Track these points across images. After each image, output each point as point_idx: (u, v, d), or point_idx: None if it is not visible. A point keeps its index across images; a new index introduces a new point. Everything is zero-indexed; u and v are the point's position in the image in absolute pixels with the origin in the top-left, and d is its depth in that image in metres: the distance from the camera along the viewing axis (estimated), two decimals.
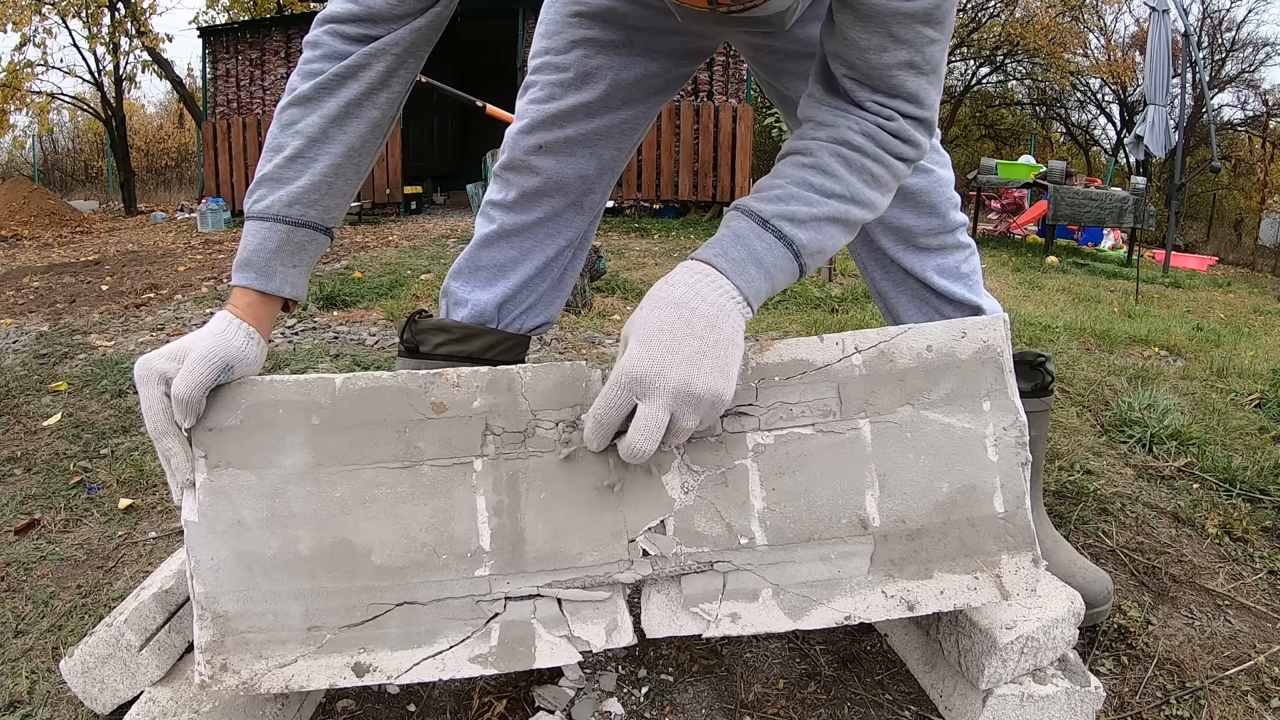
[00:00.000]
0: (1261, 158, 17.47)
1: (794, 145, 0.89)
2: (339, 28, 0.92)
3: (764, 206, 0.84)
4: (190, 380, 0.82)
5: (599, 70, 1.10)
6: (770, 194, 0.85)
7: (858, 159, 0.86)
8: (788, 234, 0.83)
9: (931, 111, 0.89)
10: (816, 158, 0.86)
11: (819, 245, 0.85)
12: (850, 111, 0.88)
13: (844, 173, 0.85)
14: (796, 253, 0.84)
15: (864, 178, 0.86)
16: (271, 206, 0.90)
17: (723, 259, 0.82)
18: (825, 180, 0.85)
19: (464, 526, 0.88)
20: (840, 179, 0.85)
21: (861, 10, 0.83)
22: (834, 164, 0.85)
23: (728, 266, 0.81)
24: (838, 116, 0.88)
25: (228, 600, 0.85)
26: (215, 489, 0.86)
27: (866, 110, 0.88)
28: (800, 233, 0.83)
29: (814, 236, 0.84)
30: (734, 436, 0.91)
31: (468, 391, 0.89)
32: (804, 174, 0.85)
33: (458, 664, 0.86)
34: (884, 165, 0.87)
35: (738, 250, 0.82)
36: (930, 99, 0.88)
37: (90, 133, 17.84)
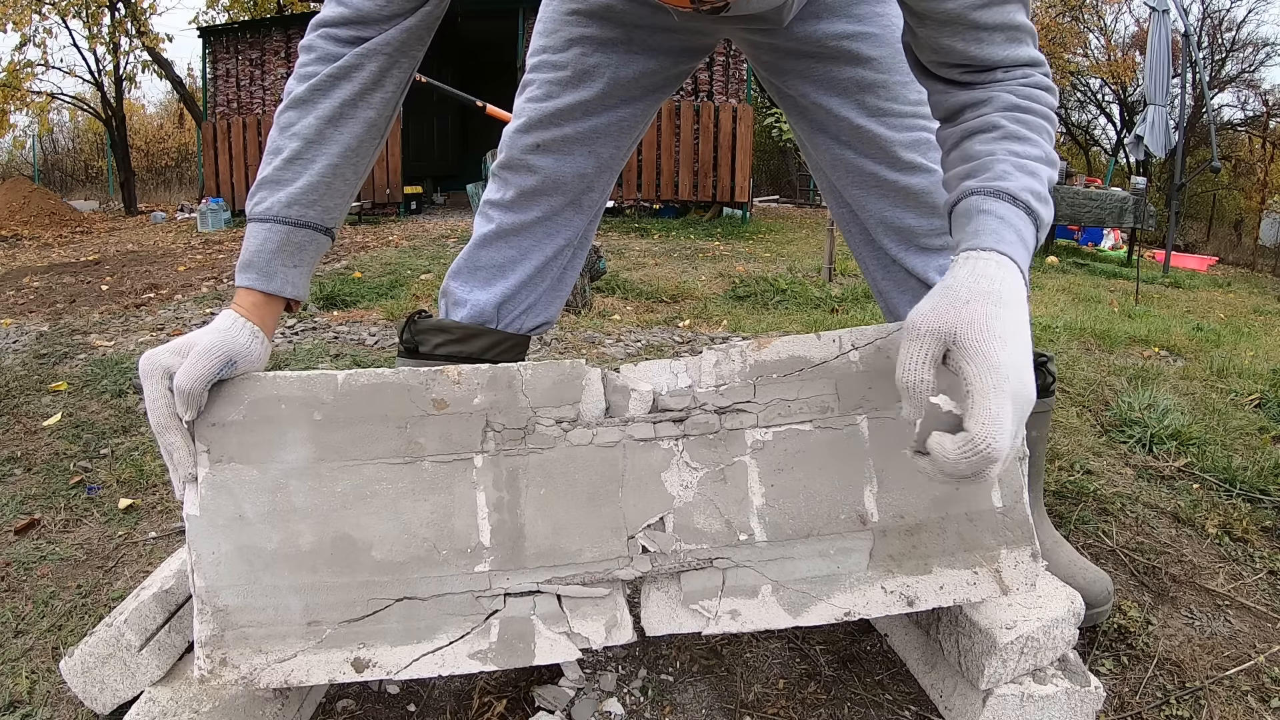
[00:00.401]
0: (1261, 158, 17.47)
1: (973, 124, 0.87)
2: (331, 31, 0.94)
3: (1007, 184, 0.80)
4: (193, 373, 0.83)
5: (597, 68, 1.10)
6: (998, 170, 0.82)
7: (1033, 119, 0.86)
8: (1035, 208, 0.80)
9: (1043, 61, 0.89)
10: (1004, 128, 0.85)
11: (1048, 219, 0.82)
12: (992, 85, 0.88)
13: (1033, 135, 0.85)
14: (1038, 224, 0.81)
15: (1045, 135, 0.86)
16: (271, 208, 0.92)
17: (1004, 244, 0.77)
18: (1027, 147, 0.84)
19: (464, 522, 0.89)
20: (1034, 142, 0.84)
21: (941, 17, 0.84)
22: (1023, 130, 0.84)
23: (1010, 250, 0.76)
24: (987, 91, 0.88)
25: (228, 594, 0.85)
26: (217, 483, 0.86)
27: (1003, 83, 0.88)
28: (1040, 208, 0.81)
29: (1045, 211, 0.82)
30: (733, 433, 0.92)
31: (468, 388, 0.90)
32: (1007, 145, 0.84)
33: (457, 660, 0.87)
34: (1049, 119, 0.87)
35: (1009, 232, 0.78)
36: (1038, 54, 0.89)
37: (90, 133, 17.85)
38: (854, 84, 1.08)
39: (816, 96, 1.11)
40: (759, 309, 3.82)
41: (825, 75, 1.09)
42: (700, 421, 0.92)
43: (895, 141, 1.11)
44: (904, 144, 1.11)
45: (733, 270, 4.99)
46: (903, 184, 1.12)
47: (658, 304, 3.88)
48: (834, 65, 1.08)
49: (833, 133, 1.13)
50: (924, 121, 1.15)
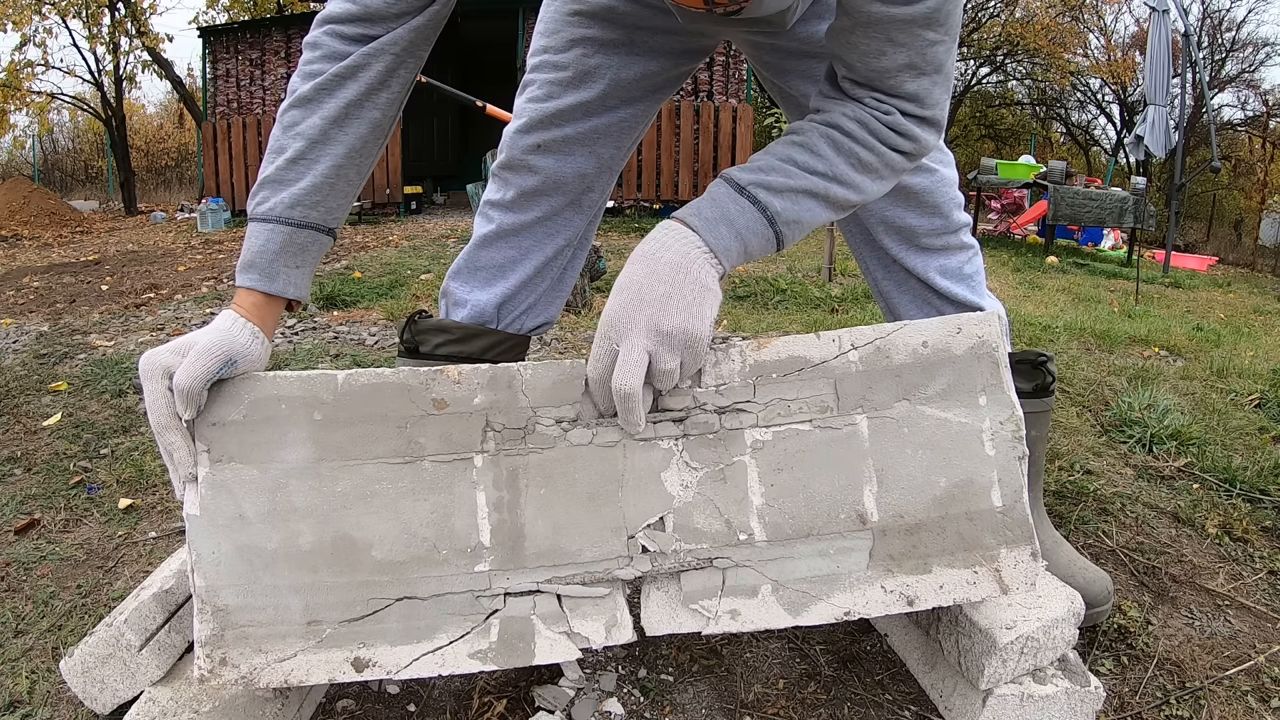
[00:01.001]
0: (1261, 158, 17.47)
1: (790, 127, 0.93)
2: (338, 28, 0.93)
3: (743, 175, 0.88)
4: (192, 372, 0.83)
5: (598, 69, 1.10)
6: (753, 165, 0.89)
7: (846, 143, 0.88)
8: (762, 200, 0.86)
9: (934, 109, 0.90)
10: (805, 137, 0.89)
11: (794, 215, 0.88)
12: (847, 102, 0.91)
13: (829, 153, 0.88)
14: (770, 219, 0.87)
15: (850, 161, 0.88)
16: (274, 208, 0.91)
17: (696, 217, 0.86)
18: (809, 158, 0.88)
19: (464, 522, 0.89)
20: (824, 158, 0.88)
21: (860, 17, 0.84)
22: (821, 144, 0.88)
23: (698, 223, 0.86)
24: (834, 104, 0.91)
25: (228, 594, 0.85)
26: (217, 483, 0.86)
27: (864, 104, 0.89)
28: (775, 200, 0.86)
29: (789, 206, 0.87)
30: (732, 433, 0.92)
31: (469, 388, 0.90)
32: (790, 151, 0.89)
33: (457, 660, 0.87)
34: (874, 153, 0.89)
35: (711, 210, 0.87)
36: (933, 98, 0.89)
37: (90, 133, 17.84)
38: None
39: None
40: (759, 309, 3.82)
41: None
42: (700, 421, 0.92)
43: None
44: None
45: (732, 270, 4.99)
46: (904, 183, 1.12)
47: None
48: None
49: None
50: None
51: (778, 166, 0.88)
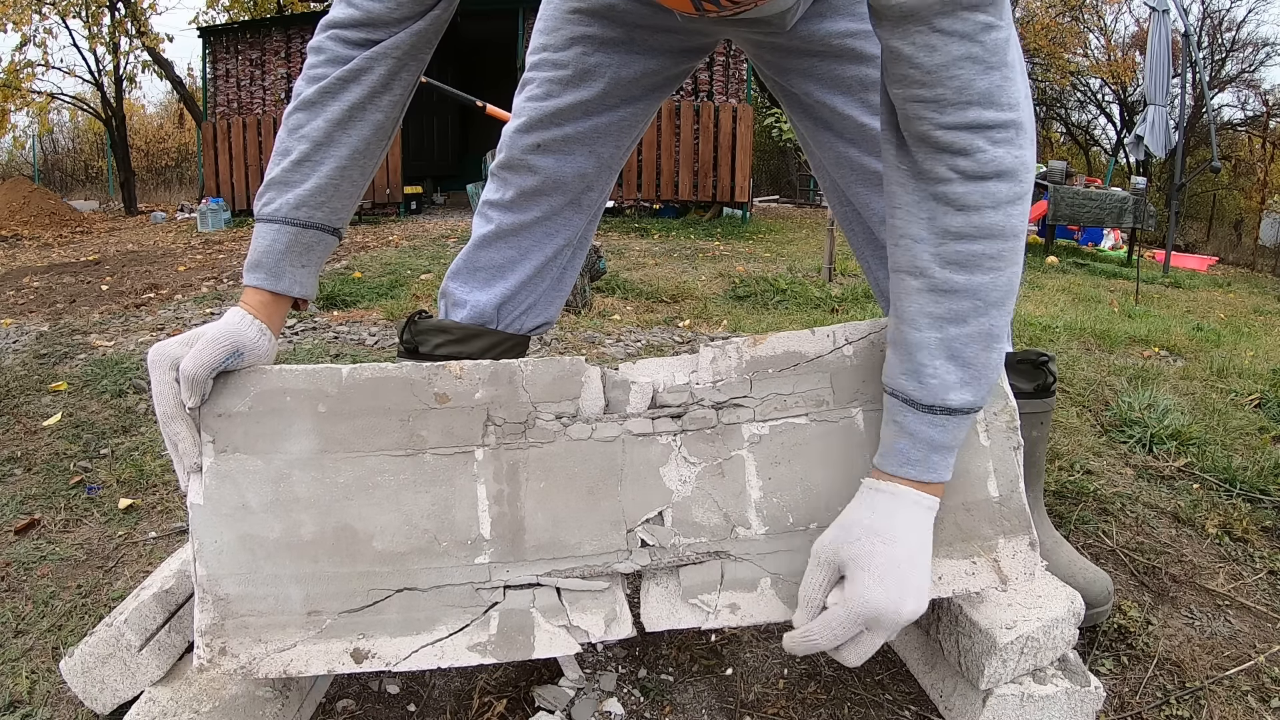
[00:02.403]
0: (1261, 158, 17.47)
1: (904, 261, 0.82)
2: (341, 33, 0.94)
3: (920, 390, 0.81)
4: (199, 360, 0.84)
5: (598, 68, 1.10)
6: (915, 362, 0.81)
7: (971, 249, 0.78)
8: (956, 406, 0.81)
9: (1015, 111, 0.77)
10: (930, 277, 0.80)
11: (988, 382, 0.82)
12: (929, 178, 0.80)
13: (965, 280, 0.78)
14: (969, 410, 0.82)
15: (988, 268, 0.79)
16: (280, 209, 0.93)
17: (908, 466, 0.83)
18: (954, 304, 0.79)
19: (465, 514, 0.89)
20: (965, 293, 0.79)
21: (895, 12, 0.75)
22: (952, 276, 0.79)
23: (915, 472, 0.83)
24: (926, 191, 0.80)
25: (229, 583, 0.86)
26: (221, 473, 0.87)
27: (942, 151, 0.78)
28: (966, 394, 0.81)
29: (978, 385, 0.81)
30: (730, 428, 0.92)
31: (470, 383, 0.90)
32: (930, 307, 0.80)
33: (456, 652, 0.87)
34: (995, 236, 0.78)
35: (917, 451, 0.82)
36: (1008, 97, 0.77)
37: (90, 133, 17.85)
38: (857, 82, 1.08)
39: (820, 95, 1.11)
40: (759, 309, 3.82)
41: (829, 73, 1.09)
42: (698, 416, 0.92)
43: None
44: None
45: (733, 270, 4.99)
46: None
47: (658, 304, 3.88)
48: (837, 63, 1.08)
49: (836, 131, 1.13)
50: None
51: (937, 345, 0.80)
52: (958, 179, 0.78)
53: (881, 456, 0.85)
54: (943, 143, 0.78)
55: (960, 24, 0.74)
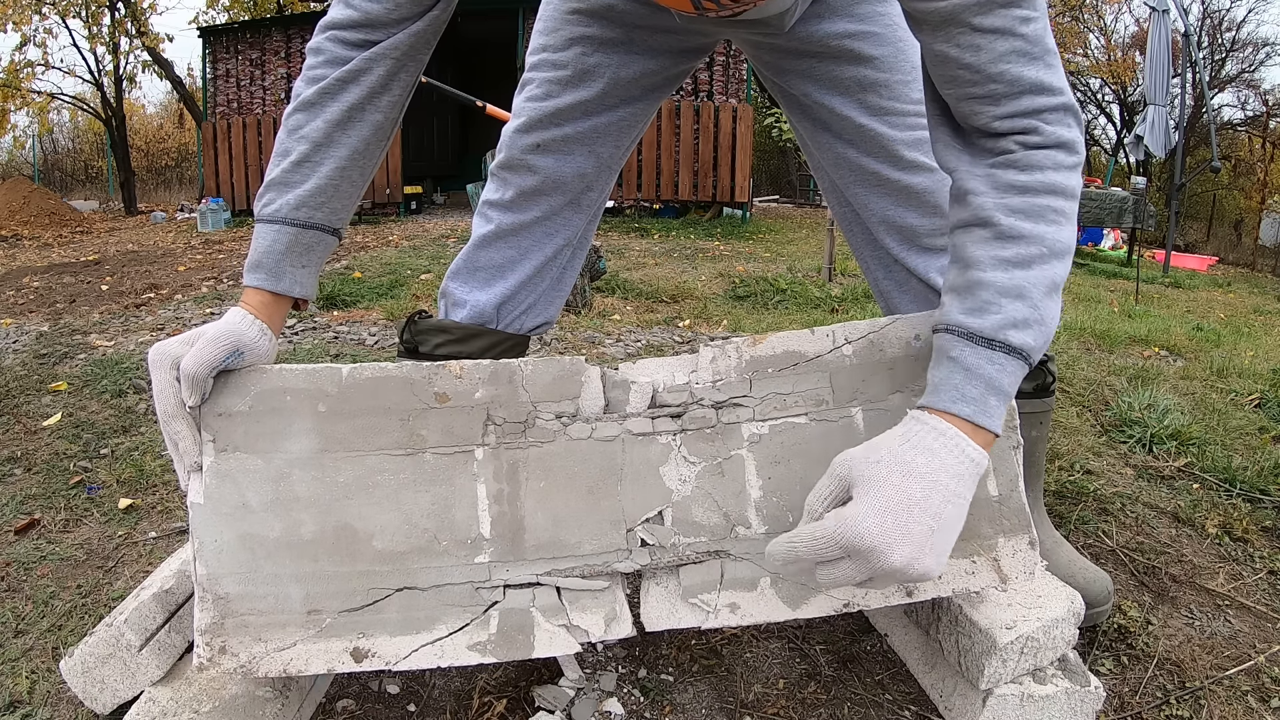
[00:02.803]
0: (1261, 158, 17.48)
1: (966, 215, 0.83)
2: (340, 33, 0.94)
3: (981, 322, 0.78)
4: (199, 358, 0.84)
5: (597, 68, 1.10)
6: (979, 299, 0.79)
7: (1035, 202, 0.79)
8: (1017, 344, 0.77)
9: (1064, 95, 0.81)
10: (997, 225, 0.80)
11: (1047, 333, 0.79)
12: (990, 152, 0.82)
13: (1031, 228, 0.79)
14: (1026, 355, 0.78)
15: (1050, 219, 0.79)
16: (280, 210, 0.93)
17: (963, 403, 0.76)
18: (1020, 249, 0.79)
19: (465, 513, 0.89)
20: (1032, 239, 0.78)
21: (934, 18, 0.79)
22: (1018, 223, 0.79)
23: (970, 410, 0.76)
24: (986, 161, 0.82)
25: (229, 582, 0.86)
26: (222, 472, 0.87)
27: (1003, 135, 0.81)
28: (1028, 336, 0.77)
29: (1040, 327, 0.78)
30: (729, 427, 0.92)
31: (470, 382, 0.91)
32: (996, 251, 0.79)
33: (456, 651, 0.87)
34: (1058, 192, 0.80)
35: (974, 388, 0.76)
36: (1057, 82, 0.80)
37: (90, 133, 17.86)
38: (856, 83, 1.08)
39: (819, 96, 1.11)
40: (759, 309, 3.82)
41: (827, 74, 1.09)
42: (697, 416, 0.92)
43: (898, 140, 1.11)
44: (906, 143, 1.11)
45: (733, 270, 4.99)
46: (905, 183, 1.12)
47: (658, 304, 3.88)
48: (836, 64, 1.08)
49: (835, 132, 1.13)
50: (925, 120, 1.14)
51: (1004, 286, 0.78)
52: (1020, 149, 0.81)
53: (932, 393, 0.78)
54: (1003, 130, 0.81)
55: (999, 20, 0.77)
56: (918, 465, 0.73)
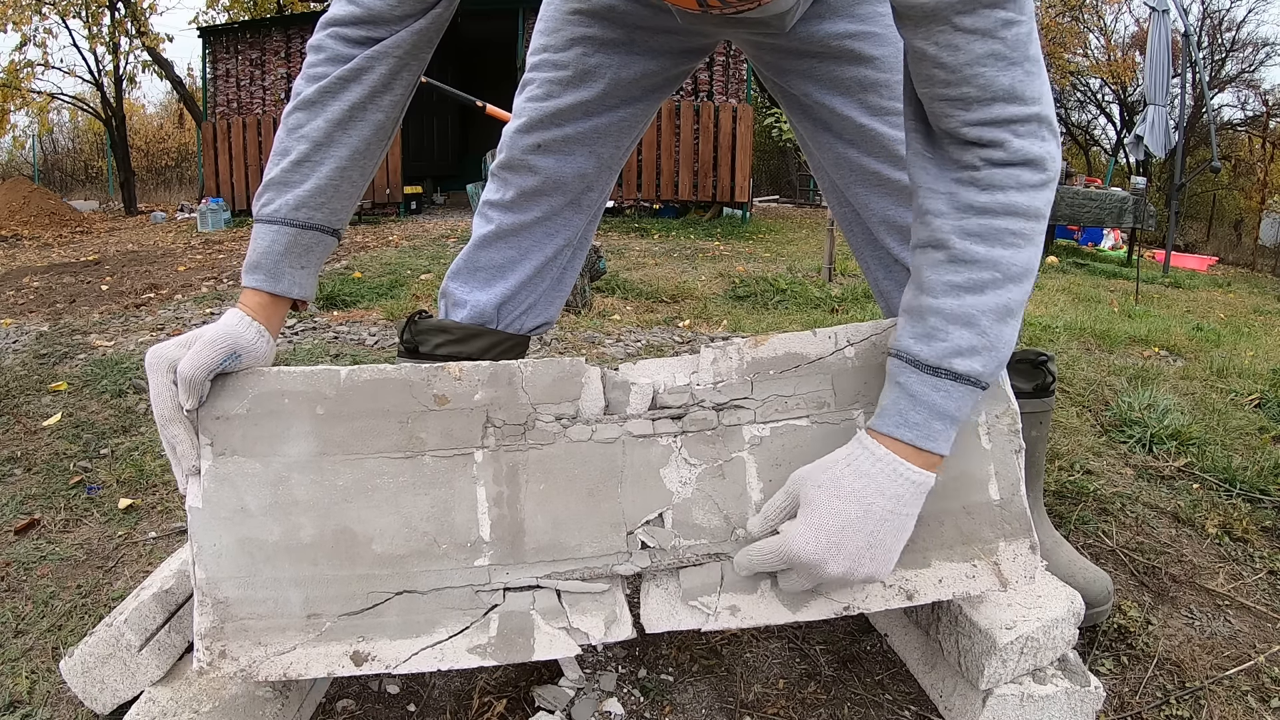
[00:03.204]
0: (1261, 158, 17.48)
1: (925, 235, 0.83)
2: (341, 30, 0.93)
3: (927, 350, 0.80)
4: (196, 361, 0.84)
5: (598, 68, 1.10)
6: (928, 325, 0.80)
7: (992, 224, 0.79)
8: (962, 371, 0.79)
9: (1039, 105, 0.79)
10: (950, 248, 0.80)
11: (999, 357, 0.80)
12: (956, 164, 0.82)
13: (985, 252, 0.79)
14: (975, 381, 0.79)
15: (1008, 243, 0.79)
16: (279, 210, 0.92)
17: (905, 428, 0.80)
18: (972, 274, 0.79)
19: (464, 516, 0.89)
20: (985, 263, 0.79)
21: (917, 12, 0.77)
22: (972, 247, 0.79)
23: (911, 435, 0.79)
24: (950, 175, 0.83)
25: (228, 586, 0.85)
26: (220, 476, 0.86)
27: (970, 144, 0.81)
28: (975, 362, 0.79)
29: (989, 353, 0.79)
30: (730, 429, 0.92)
31: (469, 384, 0.90)
32: (948, 276, 0.80)
33: (456, 654, 0.87)
34: (1018, 214, 0.79)
35: (917, 413, 0.79)
36: (1031, 91, 0.78)
37: (90, 133, 17.86)
38: (856, 83, 1.08)
39: (819, 96, 1.11)
40: (759, 309, 3.82)
41: (828, 75, 1.09)
42: (698, 418, 0.92)
43: (898, 140, 1.11)
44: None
45: (733, 270, 4.99)
46: (905, 182, 1.12)
47: (658, 304, 3.88)
48: (836, 65, 1.08)
49: (836, 132, 1.13)
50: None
51: (952, 312, 0.79)
52: (984, 165, 0.80)
53: (879, 417, 0.82)
54: (970, 138, 0.80)
55: (981, 21, 0.76)
56: (853, 489, 0.80)
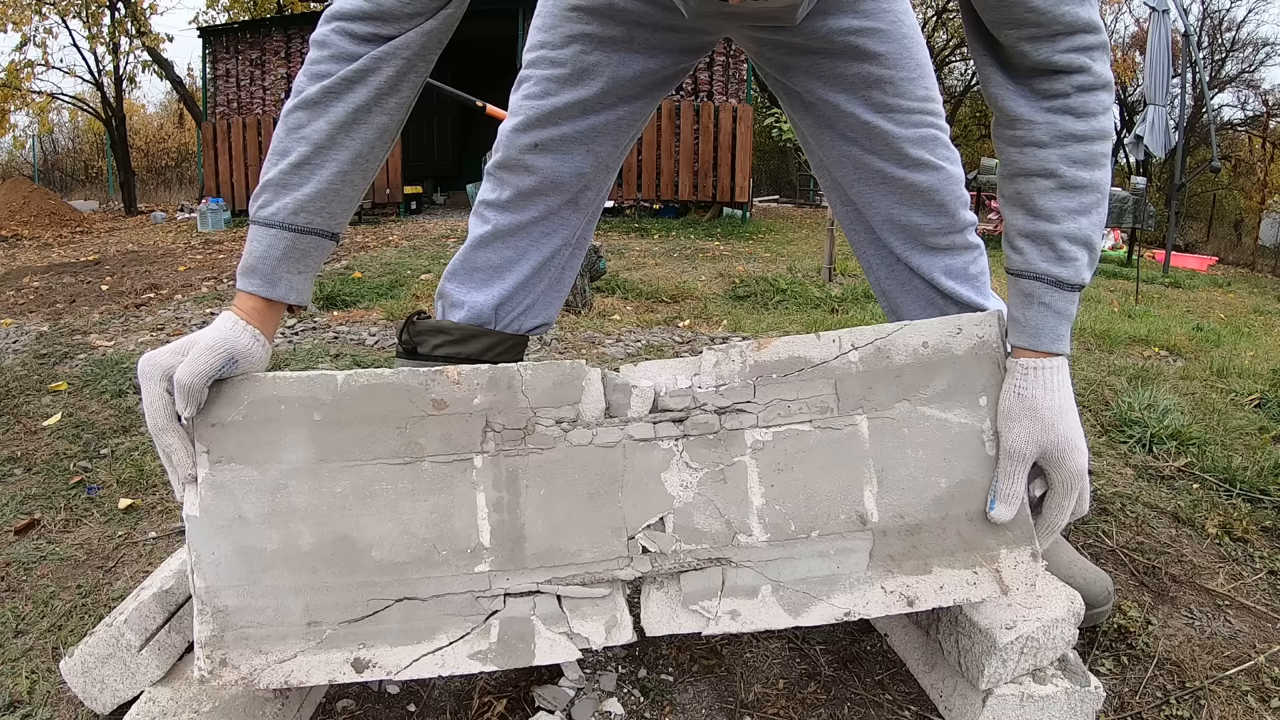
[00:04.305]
0: (1261, 158, 17.48)
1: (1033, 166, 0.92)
2: (348, 26, 0.90)
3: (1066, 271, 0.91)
4: (194, 368, 0.82)
5: (596, 67, 1.09)
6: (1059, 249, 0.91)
7: (1091, 150, 0.90)
8: (1086, 282, 0.92)
9: (1103, 33, 0.91)
10: (1061, 176, 0.90)
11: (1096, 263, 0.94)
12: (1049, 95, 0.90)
13: (1089, 176, 0.90)
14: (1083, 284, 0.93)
15: (1101, 165, 0.91)
16: (277, 213, 0.89)
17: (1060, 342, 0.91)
18: (1083, 198, 0.90)
19: (464, 522, 0.89)
20: (1090, 187, 0.90)
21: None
22: (1080, 174, 0.90)
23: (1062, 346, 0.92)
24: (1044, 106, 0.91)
25: (228, 595, 0.85)
26: (217, 484, 0.86)
27: (1061, 73, 0.89)
28: (1089, 273, 0.92)
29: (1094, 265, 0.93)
30: (732, 433, 0.92)
31: (468, 389, 0.90)
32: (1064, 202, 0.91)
33: (457, 660, 0.86)
34: (1105, 136, 0.91)
35: (1063, 326, 0.92)
36: (1097, 19, 0.90)
37: (90, 133, 17.86)
38: (861, 80, 1.08)
39: (823, 92, 1.11)
40: (759, 309, 3.82)
41: (832, 71, 1.09)
42: (700, 422, 0.92)
43: (903, 138, 1.10)
44: (912, 140, 1.10)
45: (733, 270, 4.99)
46: (910, 181, 1.12)
47: (658, 304, 3.88)
48: (841, 61, 1.08)
49: (839, 129, 1.12)
50: (932, 118, 1.13)
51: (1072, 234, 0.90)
52: (1075, 93, 0.89)
53: (1033, 337, 0.91)
54: (1061, 64, 0.88)
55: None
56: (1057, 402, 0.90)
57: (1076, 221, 0.90)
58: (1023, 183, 0.93)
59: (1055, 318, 0.91)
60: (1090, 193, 0.90)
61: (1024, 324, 0.92)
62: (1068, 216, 0.90)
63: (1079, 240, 0.90)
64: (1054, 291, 0.91)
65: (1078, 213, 0.90)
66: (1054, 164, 0.90)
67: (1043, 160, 0.91)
